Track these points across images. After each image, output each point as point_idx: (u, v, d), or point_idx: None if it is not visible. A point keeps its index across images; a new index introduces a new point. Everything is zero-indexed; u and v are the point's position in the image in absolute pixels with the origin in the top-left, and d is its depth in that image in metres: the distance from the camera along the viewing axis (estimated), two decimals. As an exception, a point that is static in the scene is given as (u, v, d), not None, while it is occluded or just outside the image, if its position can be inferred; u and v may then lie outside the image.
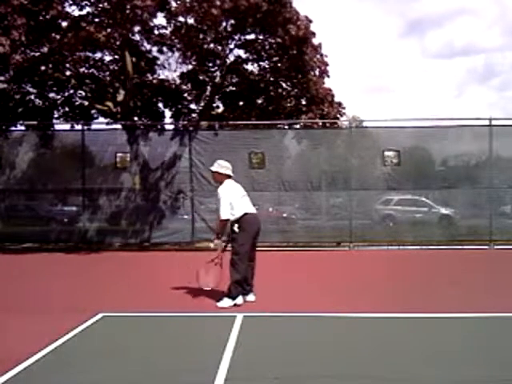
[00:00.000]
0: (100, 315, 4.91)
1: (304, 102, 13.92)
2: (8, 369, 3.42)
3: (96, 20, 11.49)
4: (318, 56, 12.92)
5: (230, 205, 5.34)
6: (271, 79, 13.93)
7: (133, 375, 3.40)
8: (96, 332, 4.50)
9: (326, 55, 13.12)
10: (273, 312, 5.01)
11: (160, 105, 14.80)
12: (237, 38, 13.27)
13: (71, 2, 11.25)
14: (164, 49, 13.81)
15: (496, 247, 10.51)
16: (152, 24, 12.71)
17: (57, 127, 14.16)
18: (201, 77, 14.18)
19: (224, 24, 12.57)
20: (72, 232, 11.51)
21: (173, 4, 11.83)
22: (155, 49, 13.94)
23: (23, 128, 13.21)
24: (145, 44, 13.83)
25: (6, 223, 11.69)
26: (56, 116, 14.21)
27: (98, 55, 13.61)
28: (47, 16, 10.89)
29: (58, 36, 11.71)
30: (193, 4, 11.45)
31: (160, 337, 4.32)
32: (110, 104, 13.67)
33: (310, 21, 12.22)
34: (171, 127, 14.14)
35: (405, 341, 4.15)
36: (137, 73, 13.91)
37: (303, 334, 4.34)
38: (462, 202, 11.34)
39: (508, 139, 10.82)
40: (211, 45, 13.38)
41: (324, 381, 3.28)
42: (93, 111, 14.36)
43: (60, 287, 6.69)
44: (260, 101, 14.39)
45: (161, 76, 14.78)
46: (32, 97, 13.75)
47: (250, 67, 14.05)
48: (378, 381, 3.26)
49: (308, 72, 13.00)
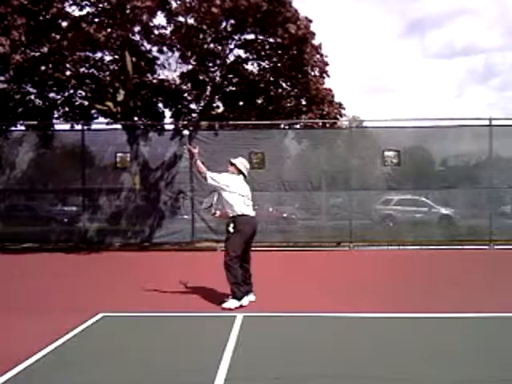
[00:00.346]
0: (100, 315, 4.91)
1: (304, 102, 13.90)
2: (8, 369, 3.43)
3: (96, 20, 11.48)
4: (318, 56, 12.92)
5: (226, 195, 5.39)
6: (271, 79, 13.92)
7: (133, 375, 3.40)
8: (96, 332, 4.50)
9: (326, 55, 13.13)
10: (273, 312, 5.01)
11: (160, 105, 14.79)
12: (237, 38, 13.26)
13: (71, 2, 11.25)
14: (164, 49, 13.80)
15: (496, 247, 10.51)
16: (152, 24, 12.72)
17: (57, 127, 14.14)
18: (201, 77, 14.16)
19: (224, 24, 12.57)
20: (72, 232, 11.52)
21: (173, 4, 11.84)
22: (155, 49, 13.94)
23: (23, 128, 13.21)
24: (145, 44, 13.82)
25: (6, 223, 11.68)
26: (56, 116, 14.20)
27: (98, 55, 13.60)
28: (47, 16, 10.88)
29: (58, 36, 11.70)
30: (193, 4, 11.46)
31: (160, 337, 4.33)
32: (110, 104, 13.66)
33: (310, 21, 12.21)
34: (171, 127, 14.14)
35: (405, 341, 4.15)
36: (137, 73, 13.90)
37: (303, 334, 4.34)
38: (462, 202, 11.35)
39: (508, 139, 10.82)
40: (211, 45, 13.38)
41: (324, 381, 3.28)
42: (93, 111, 14.35)
43: (60, 287, 6.69)
44: (260, 101, 14.37)
45: (161, 76, 14.78)
46: (32, 97, 13.74)
47: (250, 67, 14.05)
48: (378, 381, 3.26)
49: (308, 72, 13.00)
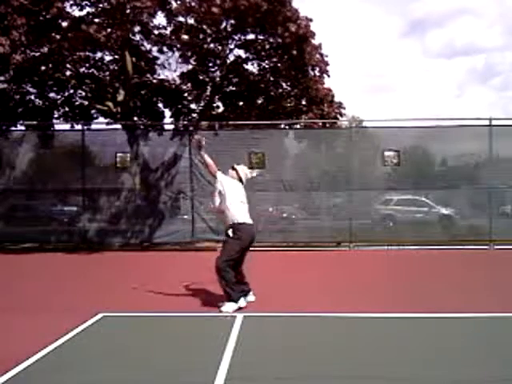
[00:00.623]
0: (100, 315, 4.91)
1: (304, 102, 13.90)
2: (8, 369, 3.43)
3: (96, 20, 11.48)
4: (318, 56, 12.91)
5: (224, 196, 5.34)
6: (271, 79, 13.92)
7: (133, 375, 3.40)
8: (96, 332, 4.50)
9: (327, 55, 13.13)
10: (273, 312, 5.01)
11: (160, 105, 14.78)
12: (237, 38, 13.26)
13: (71, 2, 11.26)
14: (164, 49, 13.80)
15: (496, 247, 10.51)
16: (152, 24, 12.72)
17: (57, 127, 14.12)
18: (201, 77, 14.16)
19: (224, 24, 12.57)
20: (72, 232, 11.52)
21: (173, 4, 11.84)
22: (155, 49, 13.94)
23: (23, 128, 13.20)
24: (145, 44, 13.82)
25: (6, 223, 11.68)
26: (56, 116, 14.17)
27: (98, 55, 13.60)
28: (47, 16, 10.89)
29: (58, 36, 11.71)
30: (192, 4, 11.46)
31: (160, 337, 4.33)
32: (110, 104, 13.66)
33: (310, 20, 12.21)
34: (171, 127, 14.14)
35: (405, 341, 4.15)
36: (137, 73, 13.89)
37: (303, 334, 4.34)
38: (462, 202, 11.34)
39: (508, 139, 10.82)
40: (211, 45, 13.38)
41: (324, 381, 3.28)
42: (93, 111, 14.33)
43: (60, 287, 6.70)
44: (260, 101, 14.36)
45: (161, 76, 14.77)
46: (32, 97, 13.72)
47: (250, 67, 14.04)
48: (378, 381, 3.26)
49: (308, 72, 12.99)
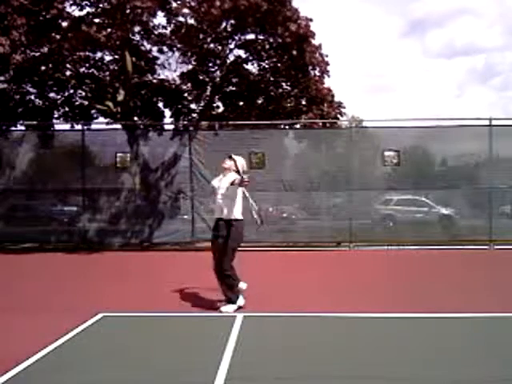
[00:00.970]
0: (100, 315, 4.91)
1: (304, 102, 13.90)
2: (8, 369, 3.43)
3: (96, 20, 11.48)
4: (318, 56, 12.90)
5: (239, 195, 5.19)
6: (271, 79, 13.92)
7: (133, 375, 3.40)
8: (96, 332, 4.50)
9: (327, 55, 13.13)
10: (273, 312, 5.01)
11: (160, 105, 14.78)
12: (237, 38, 13.26)
13: (71, 2, 11.25)
14: (164, 49, 13.80)
15: (496, 247, 10.51)
16: (152, 24, 12.72)
17: (57, 127, 14.12)
18: (201, 77, 14.16)
19: (224, 24, 12.57)
20: (72, 232, 11.51)
21: (173, 4, 11.84)
22: (155, 49, 13.94)
23: (23, 128, 13.20)
24: (145, 44, 13.82)
25: (6, 223, 11.68)
26: (56, 116, 14.17)
27: (98, 55, 13.60)
28: (47, 16, 10.89)
29: (58, 36, 11.71)
30: (192, 4, 11.46)
31: (160, 337, 4.33)
32: (110, 104, 13.66)
33: (310, 19, 12.22)
34: (171, 127, 14.14)
35: (405, 341, 4.15)
36: (137, 73, 13.89)
37: (303, 334, 4.34)
38: (462, 202, 11.34)
39: (508, 139, 10.81)
40: (211, 45, 13.38)
41: (324, 381, 3.28)
42: (93, 111, 14.33)
43: (60, 287, 6.70)
44: (260, 101, 14.36)
45: (161, 76, 14.77)
46: (32, 97, 13.72)
47: (250, 67, 14.04)
48: (378, 381, 3.26)
49: (308, 72, 12.99)
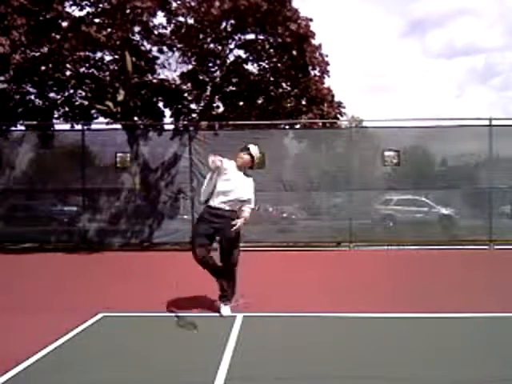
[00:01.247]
0: (100, 315, 4.92)
1: (304, 102, 13.91)
2: (8, 369, 3.43)
3: (96, 20, 11.49)
4: (318, 56, 12.91)
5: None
6: (271, 79, 13.93)
7: (133, 375, 3.40)
8: (96, 332, 4.50)
9: (327, 55, 13.14)
10: (273, 312, 5.01)
11: (160, 105, 14.80)
12: (237, 38, 13.27)
13: (71, 3, 11.26)
14: (164, 48, 13.81)
15: (496, 247, 10.51)
16: (152, 24, 12.73)
17: (57, 127, 14.14)
18: (201, 77, 14.17)
19: (224, 24, 12.58)
20: (72, 232, 11.50)
21: (173, 4, 11.85)
22: (155, 49, 13.95)
23: (23, 128, 13.21)
24: (145, 44, 13.84)
25: (6, 223, 11.68)
26: (56, 116, 14.20)
27: (98, 55, 13.62)
28: (47, 16, 10.89)
29: (58, 36, 11.71)
30: (192, 4, 11.47)
31: (160, 337, 4.32)
32: (110, 104, 13.67)
33: (310, 19, 12.23)
34: (171, 127, 14.14)
35: (405, 341, 4.15)
36: (137, 73, 13.91)
37: (303, 334, 4.34)
38: (462, 202, 11.34)
39: (508, 139, 10.80)
40: (211, 45, 13.38)
41: (324, 381, 3.28)
42: (93, 111, 14.35)
43: (60, 287, 6.69)
44: (260, 101, 14.38)
45: (161, 76, 14.79)
46: (32, 97, 13.74)
47: (250, 67, 14.06)
48: (378, 381, 3.26)
49: (308, 72, 13.00)
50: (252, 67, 14.04)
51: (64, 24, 11.62)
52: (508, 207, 11.44)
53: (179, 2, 11.79)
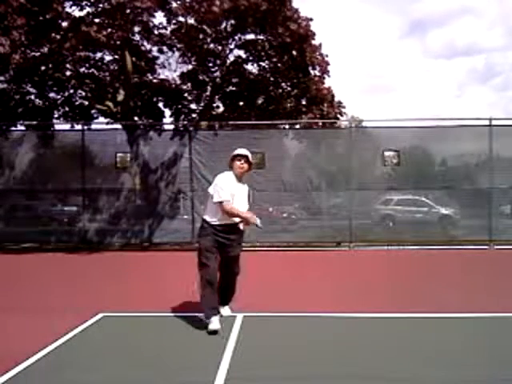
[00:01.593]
0: (100, 315, 4.92)
1: (304, 102, 13.92)
2: (8, 369, 3.43)
3: (96, 20, 11.49)
4: (318, 56, 12.92)
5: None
6: (271, 79, 13.94)
7: (133, 375, 3.40)
8: (96, 332, 4.50)
9: (327, 55, 13.14)
10: (273, 312, 5.01)
11: (160, 105, 14.81)
12: (237, 38, 13.28)
13: (71, 3, 11.26)
14: (164, 48, 13.81)
15: (496, 247, 10.51)
16: (152, 24, 12.73)
17: (57, 127, 14.17)
18: (201, 77, 14.18)
19: (224, 24, 12.58)
20: (72, 232, 11.50)
21: (173, 4, 11.85)
22: (155, 49, 13.96)
23: (23, 128, 13.21)
24: (145, 44, 13.84)
25: (6, 223, 11.68)
26: (56, 116, 14.21)
27: (98, 55, 13.62)
28: (47, 16, 10.89)
29: (58, 36, 11.72)
30: (192, 4, 11.46)
31: (160, 337, 4.33)
32: (110, 104, 13.68)
33: (311, 19, 12.23)
34: (171, 127, 14.14)
35: (405, 341, 4.15)
36: (137, 73, 13.91)
37: (303, 334, 4.34)
38: (462, 202, 11.32)
39: (508, 139, 10.80)
40: (211, 45, 13.38)
41: (324, 381, 3.28)
42: (93, 111, 14.36)
43: (60, 287, 6.69)
44: (260, 101, 14.39)
45: (161, 76, 14.80)
46: (32, 97, 13.75)
47: (250, 67, 14.07)
48: (378, 381, 3.26)
49: (308, 72, 13.00)
50: (252, 67, 14.06)
51: (64, 24, 11.63)
52: (508, 207, 11.43)
53: (179, 2, 11.79)
